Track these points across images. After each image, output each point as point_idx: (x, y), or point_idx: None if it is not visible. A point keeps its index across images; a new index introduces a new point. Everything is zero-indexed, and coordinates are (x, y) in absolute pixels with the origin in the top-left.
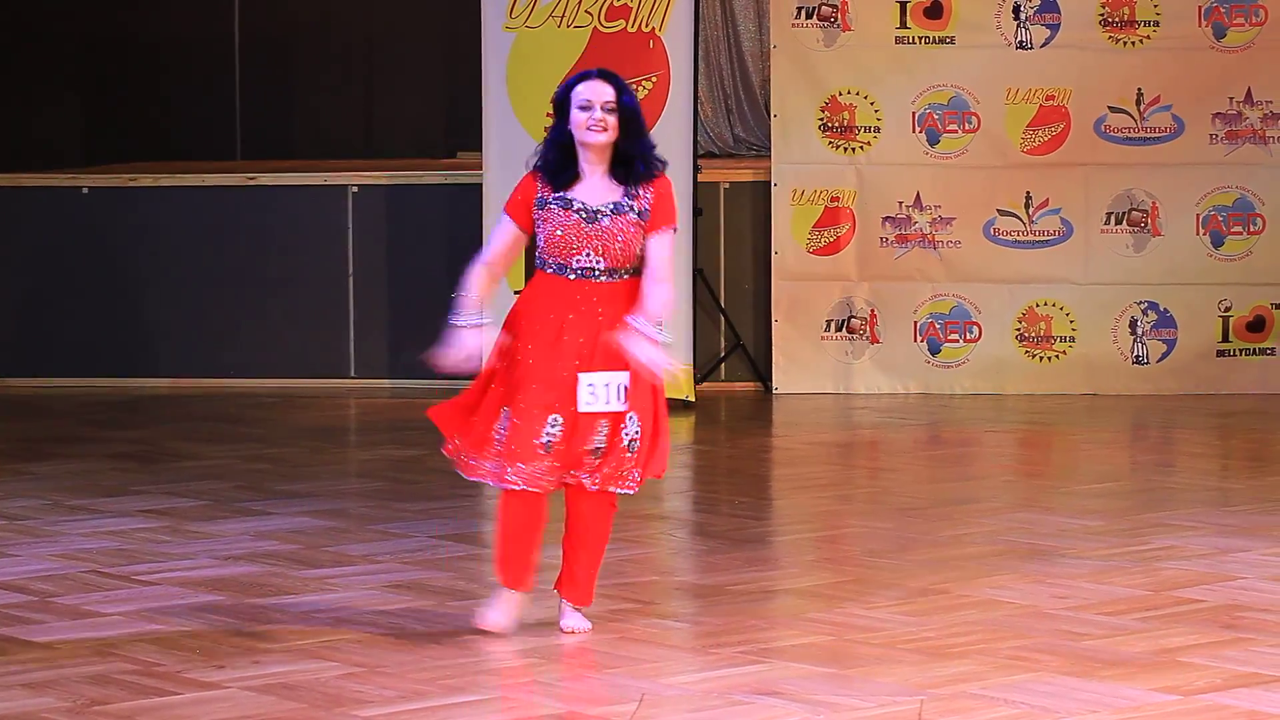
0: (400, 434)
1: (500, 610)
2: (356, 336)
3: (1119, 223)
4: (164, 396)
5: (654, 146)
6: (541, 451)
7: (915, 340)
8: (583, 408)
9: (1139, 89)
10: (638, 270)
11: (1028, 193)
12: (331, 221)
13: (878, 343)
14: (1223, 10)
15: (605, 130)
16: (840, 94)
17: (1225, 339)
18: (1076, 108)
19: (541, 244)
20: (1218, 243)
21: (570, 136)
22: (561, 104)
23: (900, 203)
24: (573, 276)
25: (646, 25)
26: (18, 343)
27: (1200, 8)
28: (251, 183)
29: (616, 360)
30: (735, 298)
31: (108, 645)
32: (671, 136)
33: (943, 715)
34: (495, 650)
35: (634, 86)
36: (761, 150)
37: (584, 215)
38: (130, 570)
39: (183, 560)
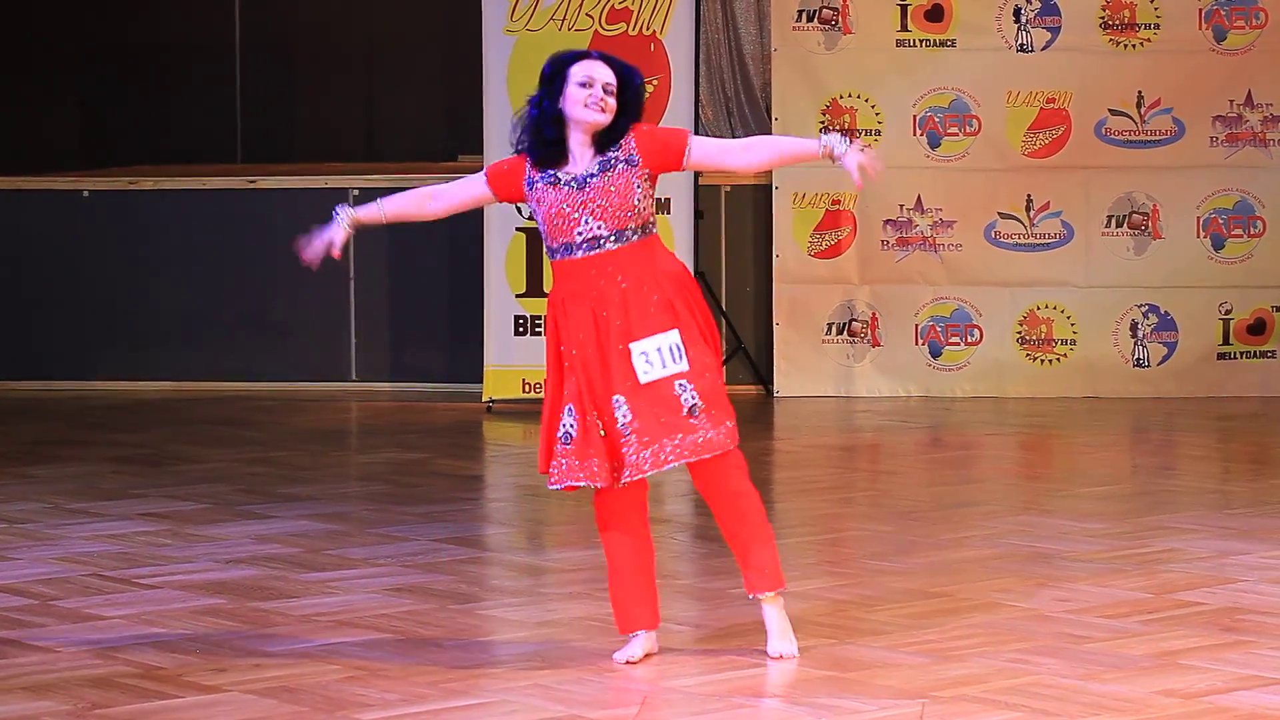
0: (401, 437)
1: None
2: (358, 340)
3: (1120, 225)
4: (165, 400)
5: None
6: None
7: (916, 343)
8: (643, 379)
9: (1139, 92)
10: (645, 228)
11: (1029, 195)
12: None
13: (879, 346)
14: (1223, 13)
15: (605, 111)
16: (841, 97)
17: (1226, 342)
18: (1077, 110)
19: (543, 230)
20: (1218, 245)
21: (559, 112)
22: (553, 78)
23: (901, 206)
24: (580, 254)
25: (647, 28)
26: (19, 346)
27: (1201, 10)
28: (252, 186)
29: (660, 322)
30: (736, 301)
31: (109, 649)
32: None
33: (944, 718)
34: (497, 654)
35: None
36: None
37: (572, 184)
38: (131, 573)
39: (184, 564)
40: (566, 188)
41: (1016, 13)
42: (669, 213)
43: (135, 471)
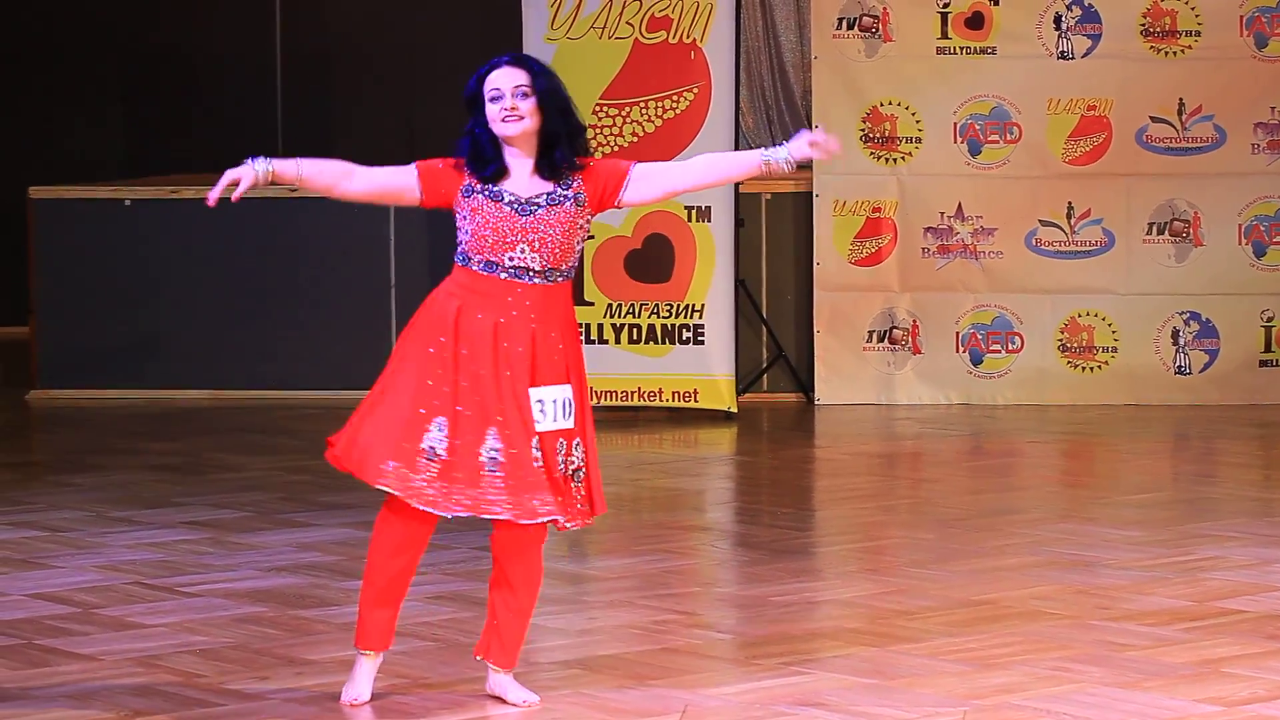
0: None
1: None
2: None
3: (1161, 233)
4: (206, 408)
5: (582, 129)
6: (485, 472)
7: (957, 351)
8: (536, 427)
9: (1180, 99)
10: (569, 271)
11: (1069, 203)
12: (374, 233)
13: (919, 353)
14: (1264, 20)
15: (521, 118)
16: (881, 104)
17: (1268, 349)
18: (1118, 118)
19: (467, 238)
20: (1260, 253)
21: (490, 137)
22: (475, 98)
23: (942, 213)
24: (504, 276)
25: (688, 36)
26: (60, 355)
27: (1242, 17)
28: (293, 194)
29: (559, 373)
30: (777, 308)
31: (151, 657)
32: (713, 147)
33: None
34: (537, 661)
35: (675, 97)
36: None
37: (515, 207)
38: (173, 582)
39: (225, 572)
40: (509, 208)
41: (1057, 20)
42: (709, 221)
43: (176, 480)
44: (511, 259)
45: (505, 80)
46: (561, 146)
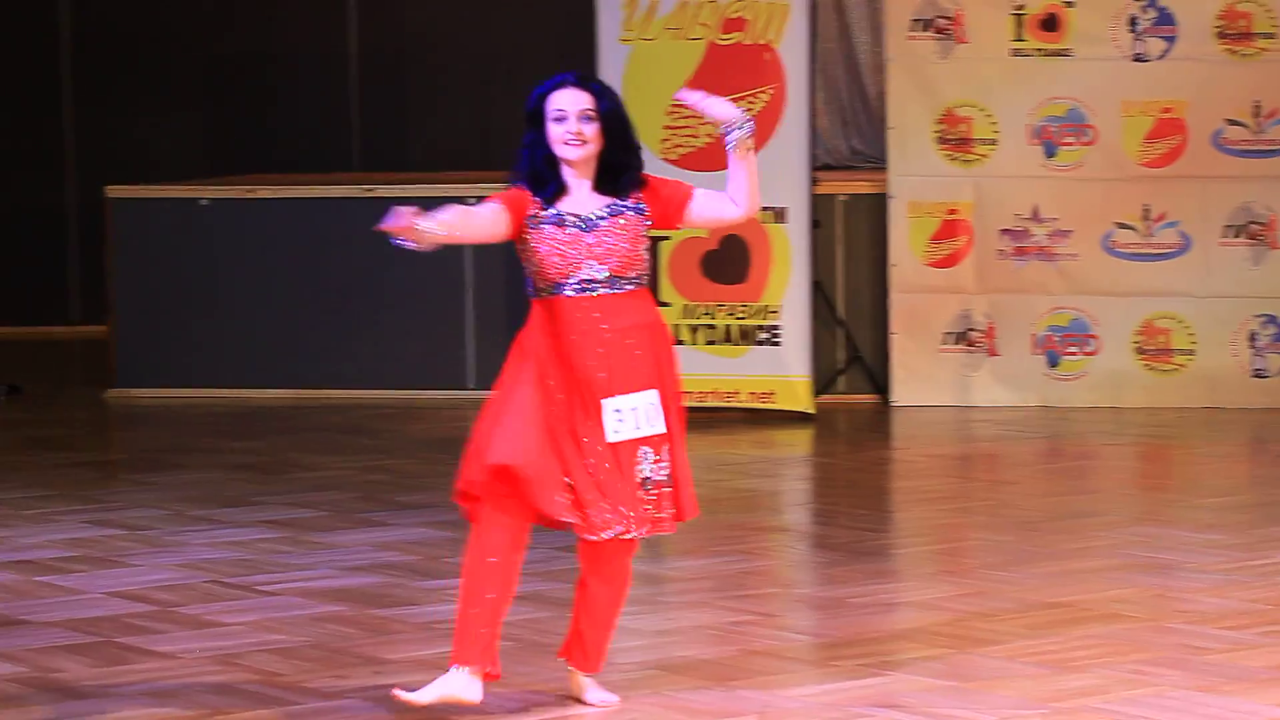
0: None
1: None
2: (475, 347)
3: (1237, 235)
4: (283, 407)
5: (639, 148)
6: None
7: (1034, 353)
8: (611, 437)
9: (1256, 101)
10: (641, 280)
11: (1145, 205)
12: None
13: (996, 355)
14: None
15: (584, 143)
16: (956, 106)
17: None
18: (1194, 120)
19: (535, 268)
20: None
21: (546, 155)
22: (535, 114)
23: (1017, 215)
24: (570, 294)
25: (762, 38)
26: (138, 354)
27: None
28: (369, 194)
29: (640, 378)
30: (853, 310)
31: (229, 655)
32: (788, 149)
33: None
34: (616, 662)
35: (750, 99)
36: (878, 163)
37: (579, 227)
38: (251, 580)
39: (303, 571)
40: (573, 229)
41: (1132, 22)
42: (784, 222)
43: (255, 479)
44: (577, 276)
45: (570, 102)
46: (628, 172)
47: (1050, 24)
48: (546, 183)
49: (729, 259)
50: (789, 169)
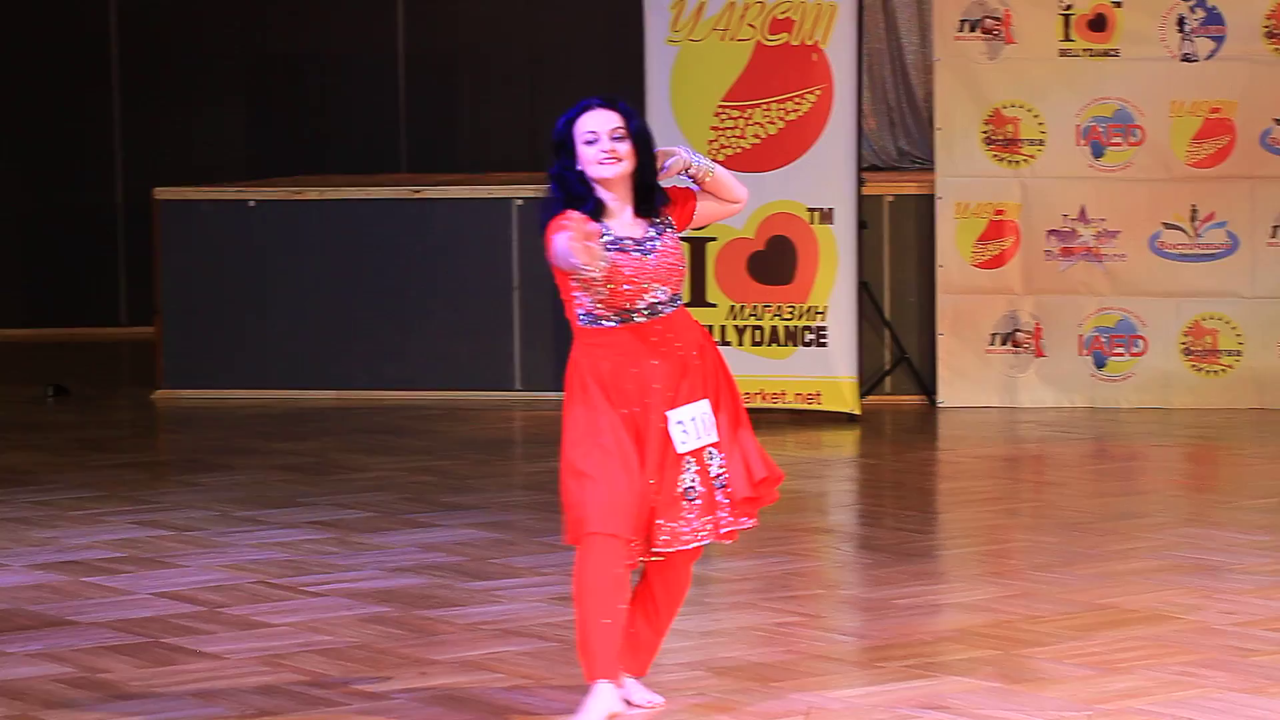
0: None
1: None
2: (522, 349)
3: None
4: (330, 408)
5: (655, 185)
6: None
7: (1080, 354)
8: (680, 448)
9: None
10: (681, 294)
11: (1193, 206)
12: (496, 234)
13: (1043, 356)
14: None
15: (619, 160)
16: (1004, 107)
17: None
18: (1242, 120)
19: (603, 297)
20: None
21: (578, 175)
22: (564, 143)
23: (1065, 216)
24: (641, 320)
25: (810, 38)
26: (185, 355)
27: None
28: (416, 196)
29: (697, 388)
30: (900, 311)
31: (275, 656)
32: (835, 150)
33: None
34: (661, 662)
35: (797, 99)
36: (925, 163)
37: (640, 251)
38: (298, 581)
39: (350, 572)
40: (636, 254)
41: (1180, 22)
42: (831, 223)
43: (301, 480)
44: (644, 301)
45: (600, 123)
46: (658, 191)
47: (1098, 24)
48: (583, 199)
49: (775, 260)
50: (836, 170)
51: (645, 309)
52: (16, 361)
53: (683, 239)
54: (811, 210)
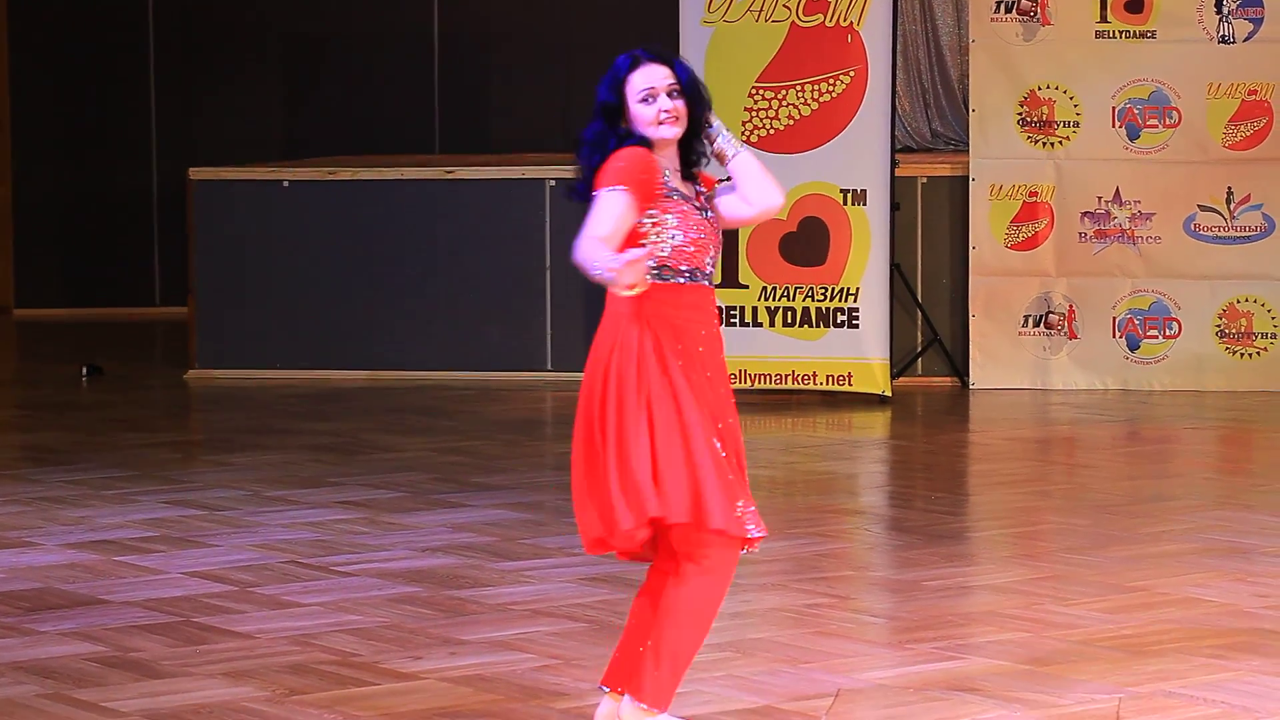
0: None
1: None
2: (553, 329)
3: None
4: (362, 389)
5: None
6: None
7: (1114, 336)
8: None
9: None
10: None
11: (1229, 188)
12: (529, 215)
13: (1076, 338)
14: None
15: (679, 119)
16: (1039, 89)
17: None
18: (1279, 102)
19: (675, 248)
20: None
21: (631, 138)
22: (613, 106)
23: (1099, 198)
24: (707, 282)
25: (845, 19)
26: (218, 335)
27: None
28: (449, 177)
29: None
30: (932, 293)
31: (306, 635)
32: (869, 131)
33: (1141, 714)
34: None
35: (832, 81)
36: (959, 145)
37: (698, 207)
38: (328, 561)
39: (380, 551)
40: (699, 213)
41: (1218, 4)
42: (864, 204)
43: (332, 460)
44: (709, 262)
45: (656, 79)
46: (692, 154)
47: (1135, 6)
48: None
49: (808, 241)
50: (870, 151)
51: (706, 274)
52: (52, 341)
53: None
54: (844, 191)
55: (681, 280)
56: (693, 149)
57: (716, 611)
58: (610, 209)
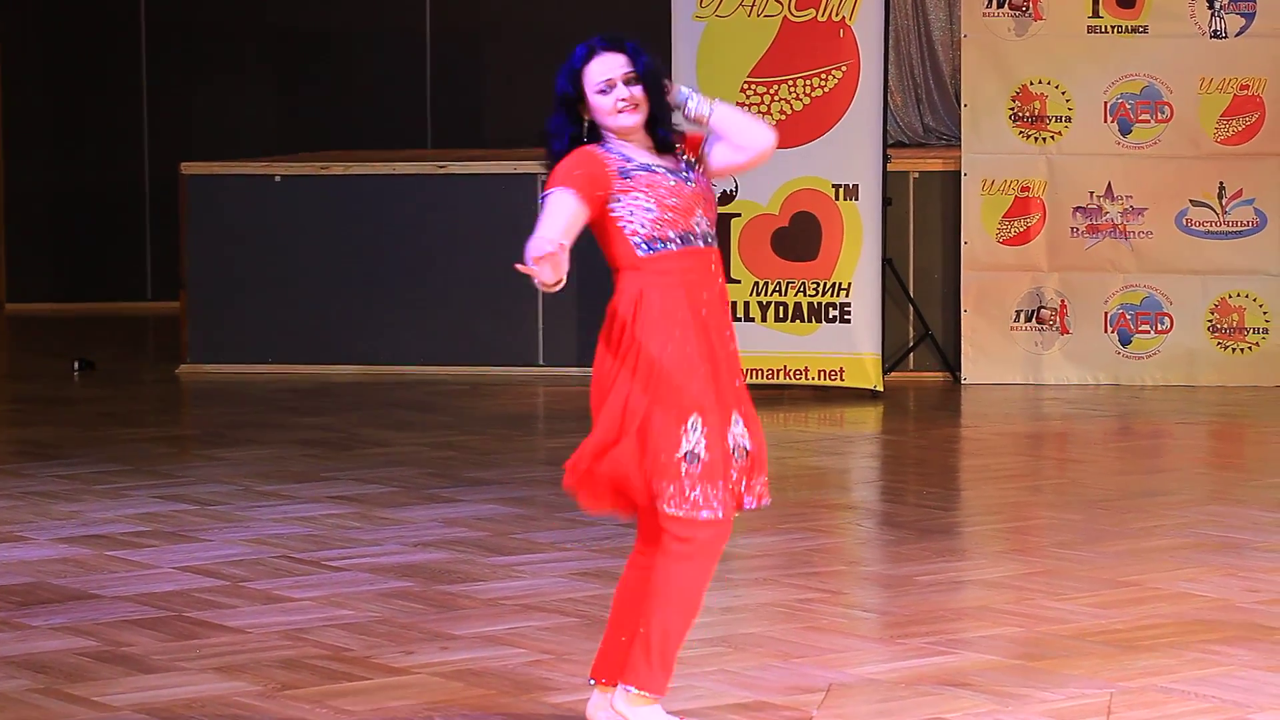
0: (588, 422)
1: None
2: (545, 324)
3: None
4: (354, 383)
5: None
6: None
7: (1106, 331)
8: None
9: None
10: None
11: (1221, 183)
12: (521, 210)
13: (1067, 333)
14: None
15: (637, 107)
16: (1031, 83)
17: None
18: (1271, 97)
19: (651, 217)
20: None
21: (589, 130)
22: (572, 98)
23: (1091, 193)
24: (702, 244)
25: (837, 14)
26: (210, 330)
27: None
28: (442, 171)
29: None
30: (924, 287)
31: (298, 630)
32: (861, 126)
33: (1132, 709)
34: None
35: (824, 76)
36: (951, 140)
37: (674, 176)
38: (320, 556)
39: (372, 546)
40: (672, 177)
41: None
42: (856, 199)
43: (324, 454)
44: (697, 224)
45: (613, 68)
46: (664, 125)
47: (1127, 1)
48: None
49: (800, 236)
50: (862, 146)
51: (701, 235)
52: (43, 336)
53: None
54: (836, 186)
55: (673, 247)
56: (659, 129)
57: (704, 592)
58: (553, 209)
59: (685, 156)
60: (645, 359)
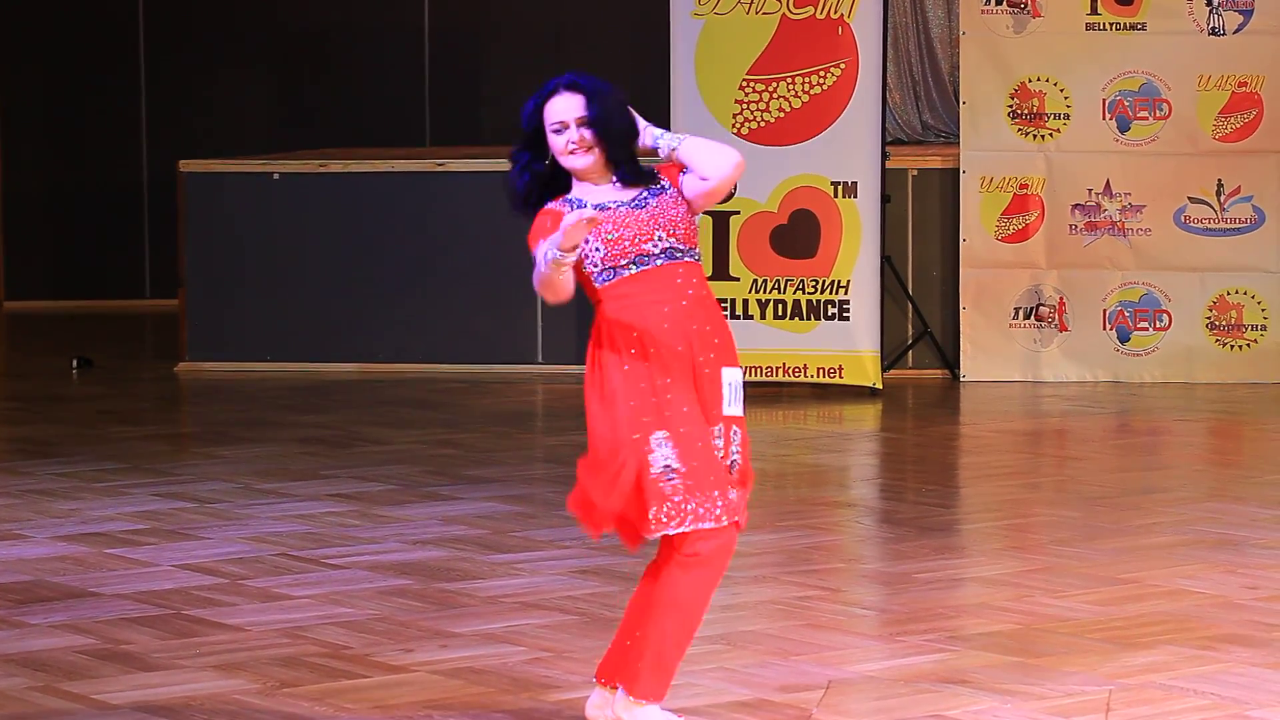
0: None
1: None
2: (544, 322)
3: None
4: (352, 381)
5: (635, 153)
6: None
7: (1104, 328)
8: (725, 410)
9: None
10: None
11: (1219, 180)
12: None
13: (1066, 331)
14: None
15: (589, 149)
16: (1030, 81)
17: None
18: (1269, 95)
19: (602, 257)
20: None
21: (553, 165)
22: (536, 132)
23: (1090, 190)
24: (661, 262)
25: (835, 12)
26: (209, 327)
27: None
28: (439, 169)
29: (731, 354)
30: (923, 285)
31: (297, 628)
32: (860, 123)
33: (1131, 705)
34: None
35: (822, 73)
36: (950, 137)
37: (629, 206)
38: (319, 554)
39: (371, 544)
40: (624, 207)
41: None
42: (855, 197)
43: (323, 452)
44: (656, 244)
45: (565, 110)
46: (624, 167)
47: None
48: (562, 177)
49: (799, 234)
50: (860, 143)
51: (660, 252)
52: (42, 333)
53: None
54: (835, 184)
55: (626, 273)
56: (631, 167)
57: (707, 604)
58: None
59: (660, 182)
60: (608, 388)
